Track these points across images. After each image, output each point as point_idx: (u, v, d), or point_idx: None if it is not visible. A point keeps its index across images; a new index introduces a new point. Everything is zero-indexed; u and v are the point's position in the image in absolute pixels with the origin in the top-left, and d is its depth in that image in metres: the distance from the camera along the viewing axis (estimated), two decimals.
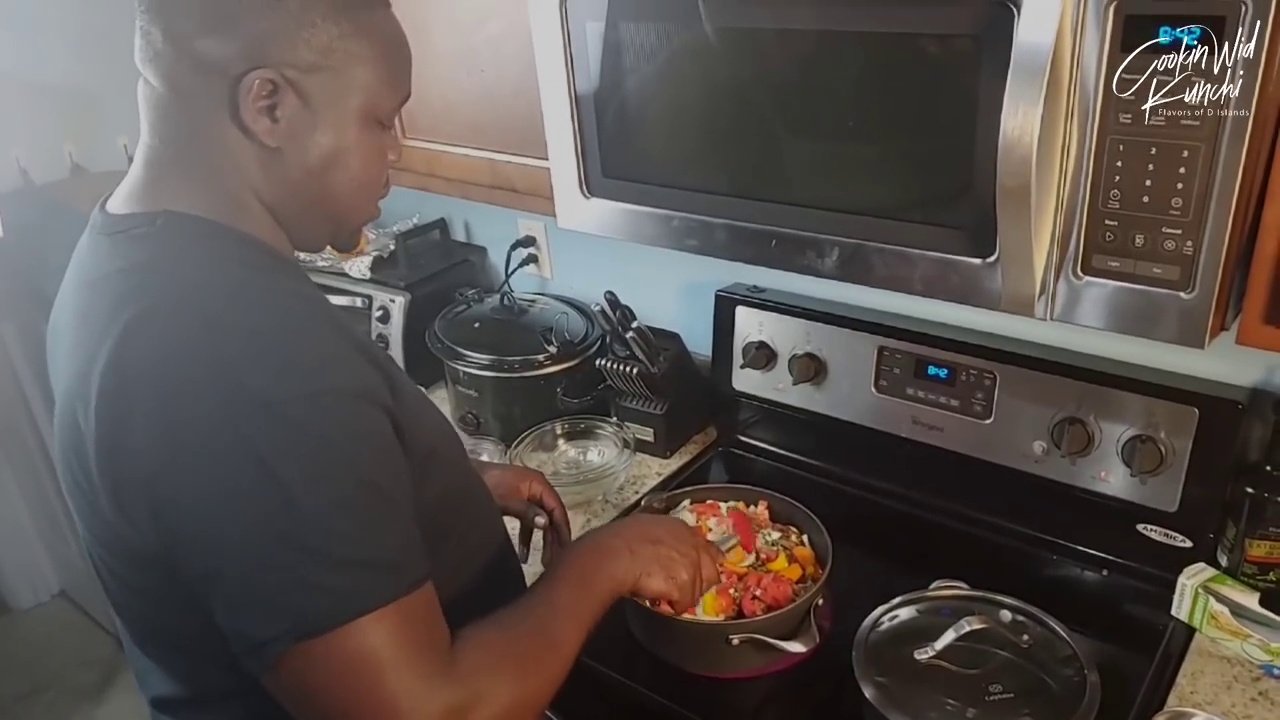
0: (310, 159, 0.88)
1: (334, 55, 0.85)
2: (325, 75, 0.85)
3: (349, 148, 0.89)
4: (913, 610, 1.27)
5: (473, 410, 1.83)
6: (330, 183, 0.90)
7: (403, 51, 0.93)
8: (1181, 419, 1.27)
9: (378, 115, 0.91)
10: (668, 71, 1.19)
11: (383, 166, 0.95)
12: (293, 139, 0.86)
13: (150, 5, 0.84)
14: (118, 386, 0.77)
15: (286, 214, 0.91)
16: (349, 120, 0.88)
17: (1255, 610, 1.22)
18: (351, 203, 0.94)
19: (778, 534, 1.39)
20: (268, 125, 0.85)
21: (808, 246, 1.14)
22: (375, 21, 0.89)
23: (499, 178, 1.53)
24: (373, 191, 0.96)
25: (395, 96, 0.92)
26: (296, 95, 0.85)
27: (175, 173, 0.88)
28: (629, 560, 1.07)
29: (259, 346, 0.76)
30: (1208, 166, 0.85)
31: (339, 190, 0.91)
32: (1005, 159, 0.90)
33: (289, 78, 0.83)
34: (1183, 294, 0.91)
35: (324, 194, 0.91)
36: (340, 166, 0.90)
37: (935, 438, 1.50)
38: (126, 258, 0.84)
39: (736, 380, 1.70)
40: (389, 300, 2.01)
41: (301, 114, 0.85)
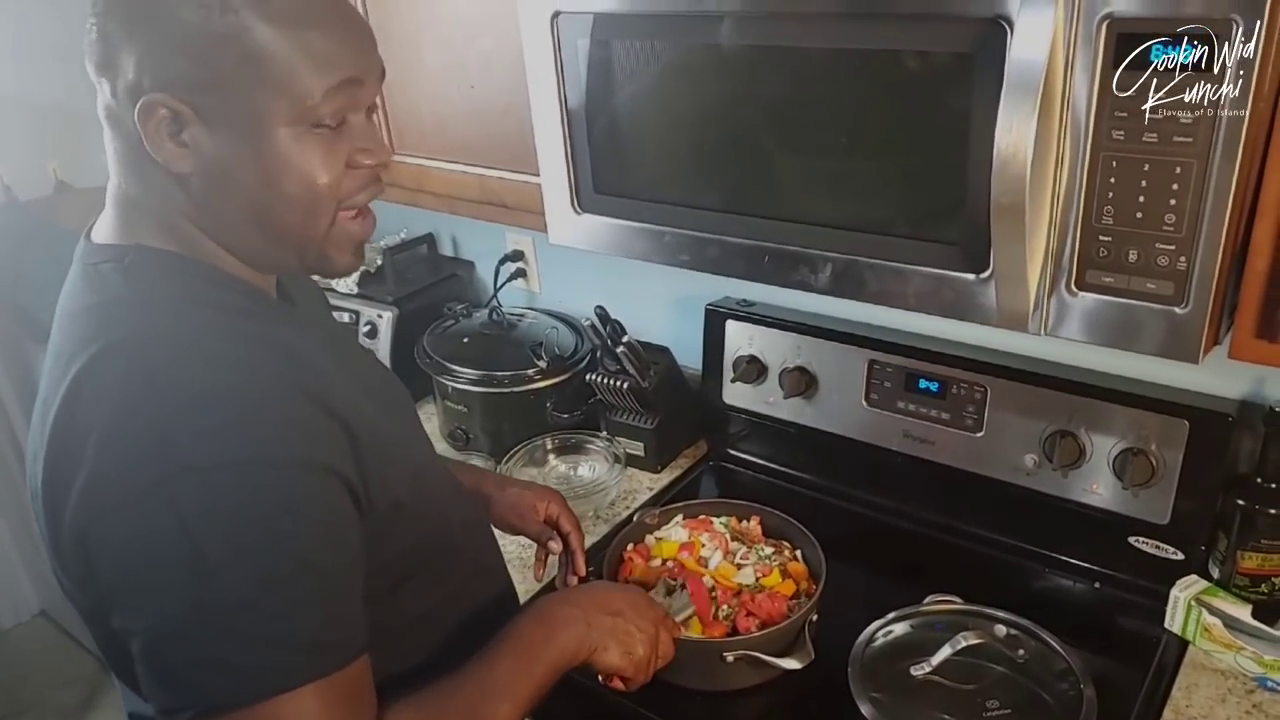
0: (234, 181, 0.80)
1: (224, 62, 0.75)
2: (222, 87, 0.76)
3: (275, 161, 0.79)
4: (907, 625, 1.27)
5: (462, 426, 1.82)
6: (265, 203, 0.81)
7: (321, 27, 0.78)
8: (1172, 431, 1.28)
9: (307, 117, 0.78)
10: (660, 87, 1.19)
11: (331, 172, 0.81)
12: (208, 163, 0.79)
13: (85, 46, 0.81)
14: (64, 433, 0.75)
15: (229, 241, 0.84)
16: (266, 130, 0.78)
17: (1248, 622, 1.22)
18: (300, 220, 0.82)
19: (771, 549, 1.39)
20: (174, 151, 0.78)
21: (801, 262, 1.14)
22: (260, 11, 0.76)
23: (488, 193, 1.52)
24: (324, 204, 0.82)
25: (322, 86, 0.78)
26: (195, 114, 0.77)
27: (129, 206, 0.85)
28: (584, 631, 1.00)
29: (200, 406, 0.72)
30: (1201, 182, 0.86)
31: (278, 210, 0.81)
32: (999, 176, 0.90)
33: (180, 98, 0.76)
34: (1177, 309, 0.91)
35: (262, 216, 0.82)
36: (270, 184, 0.80)
37: (926, 451, 1.50)
38: (95, 294, 0.82)
39: (727, 394, 1.70)
40: (376, 315, 1.99)
41: (207, 135, 0.78)
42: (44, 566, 2.80)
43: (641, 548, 1.42)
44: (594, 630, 1.01)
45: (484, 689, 0.89)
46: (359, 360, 1.04)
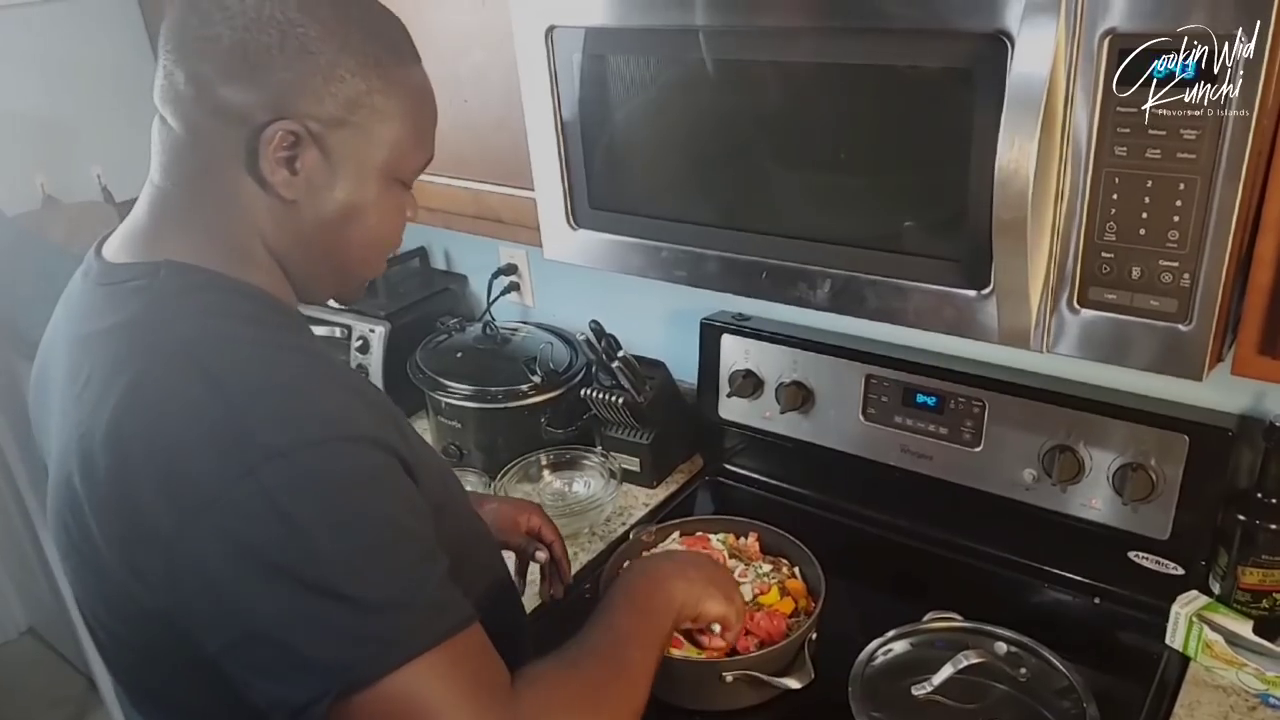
0: (325, 214, 0.85)
1: (360, 111, 0.83)
2: (349, 131, 0.83)
3: (367, 205, 0.86)
4: (907, 643, 1.26)
5: (455, 442, 1.81)
6: (343, 239, 0.87)
7: (430, 111, 0.91)
8: (1172, 446, 1.27)
9: (399, 175, 0.88)
10: (656, 102, 1.18)
11: (399, 225, 0.92)
12: (310, 193, 0.84)
13: (176, 46, 0.81)
14: (121, 451, 0.74)
15: (295, 267, 0.88)
16: (370, 177, 0.85)
17: (1250, 639, 1.22)
18: (362, 259, 0.91)
19: (769, 567, 1.37)
20: (286, 177, 0.82)
21: (799, 278, 1.13)
22: (406, 78, 0.87)
23: (483, 208, 1.51)
24: (385, 249, 0.93)
25: (420, 156, 0.90)
26: (318, 149, 0.82)
27: (182, 218, 0.85)
28: (686, 584, 1.05)
29: (266, 401, 0.74)
30: (1204, 198, 0.85)
31: (351, 247, 0.89)
32: (1001, 192, 0.90)
33: (312, 130, 0.81)
34: (1180, 326, 0.90)
35: (335, 249, 0.88)
36: (355, 224, 0.87)
37: (924, 466, 1.49)
38: (123, 311, 0.81)
39: (723, 409, 1.69)
40: (368, 330, 1.98)
41: (321, 168, 0.83)
42: (33, 583, 2.80)
43: None
44: (694, 583, 1.06)
45: (615, 638, 0.92)
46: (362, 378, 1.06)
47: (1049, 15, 0.85)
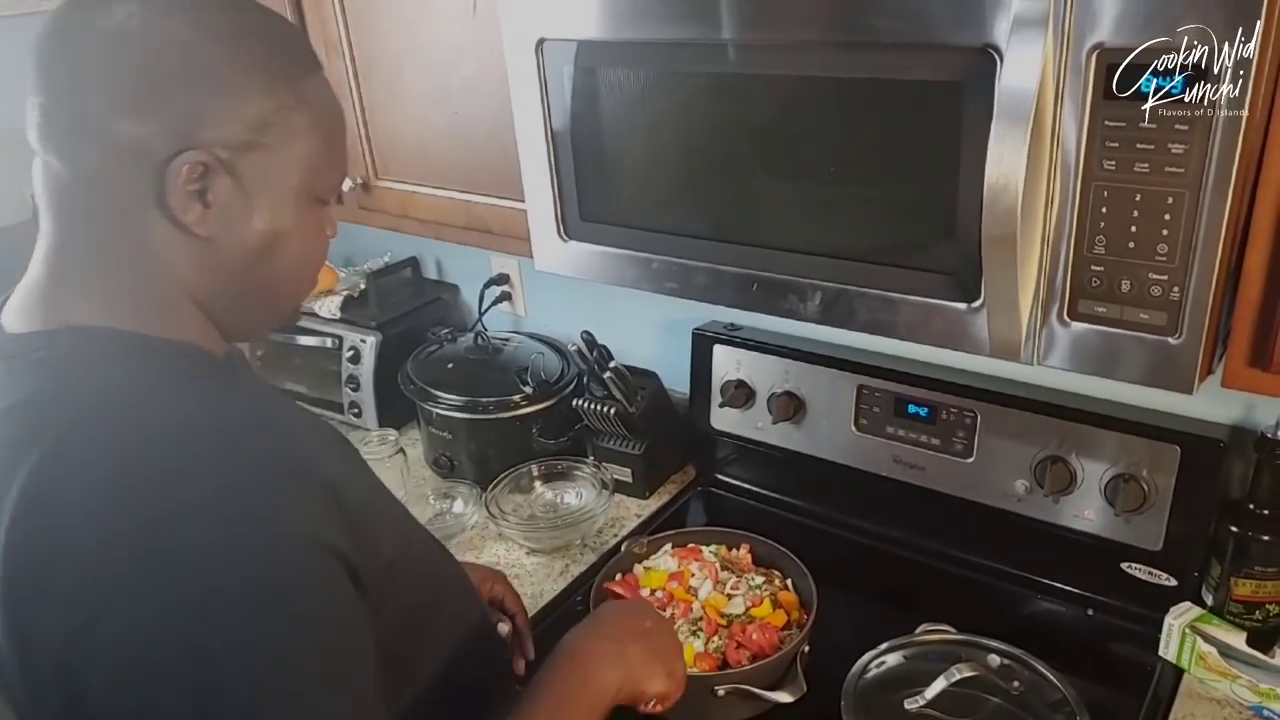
0: (247, 246, 0.80)
1: (271, 131, 0.77)
2: (261, 153, 0.77)
3: (288, 230, 0.81)
4: (900, 656, 1.26)
5: (446, 453, 1.80)
6: (268, 269, 0.82)
7: (341, 120, 0.86)
8: (1164, 457, 1.27)
9: (317, 193, 0.83)
10: (646, 115, 1.17)
11: (322, 245, 0.88)
12: (227, 225, 0.78)
13: (53, 79, 0.74)
14: (25, 547, 0.68)
15: (219, 306, 0.82)
16: (288, 201, 0.80)
17: (1243, 651, 1.21)
18: (290, 286, 0.87)
19: (761, 579, 1.37)
20: (199, 212, 0.76)
21: (789, 290, 1.13)
22: (314, 90, 0.82)
23: (474, 219, 1.51)
24: (312, 271, 0.88)
25: (335, 171, 0.85)
26: (230, 177, 0.76)
27: (84, 274, 0.78)
28: (623, 666, 0.96)
29: (184, 491, 0.67)
30: (1193, 212, 0.85)
31: (277, 275, 0.83)
32: (990, 206, 0.89)
33: (221, 158, 0.75)
34: (1170, 339, 0.90)
35: (262, 281, 0.83)
36: (279, 251, 0.82)
37: (916, 477, 1.49)
38: (23, 389, 0.74)
39: (715, 419, 1.69)
40: (359, 340, 1.97)
41: (236, 197, 0.77)
42: None
43: (630, 577, 1.41)
44: (632, 662, 0.98)
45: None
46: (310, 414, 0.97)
47: (1037, 30, 0.85)
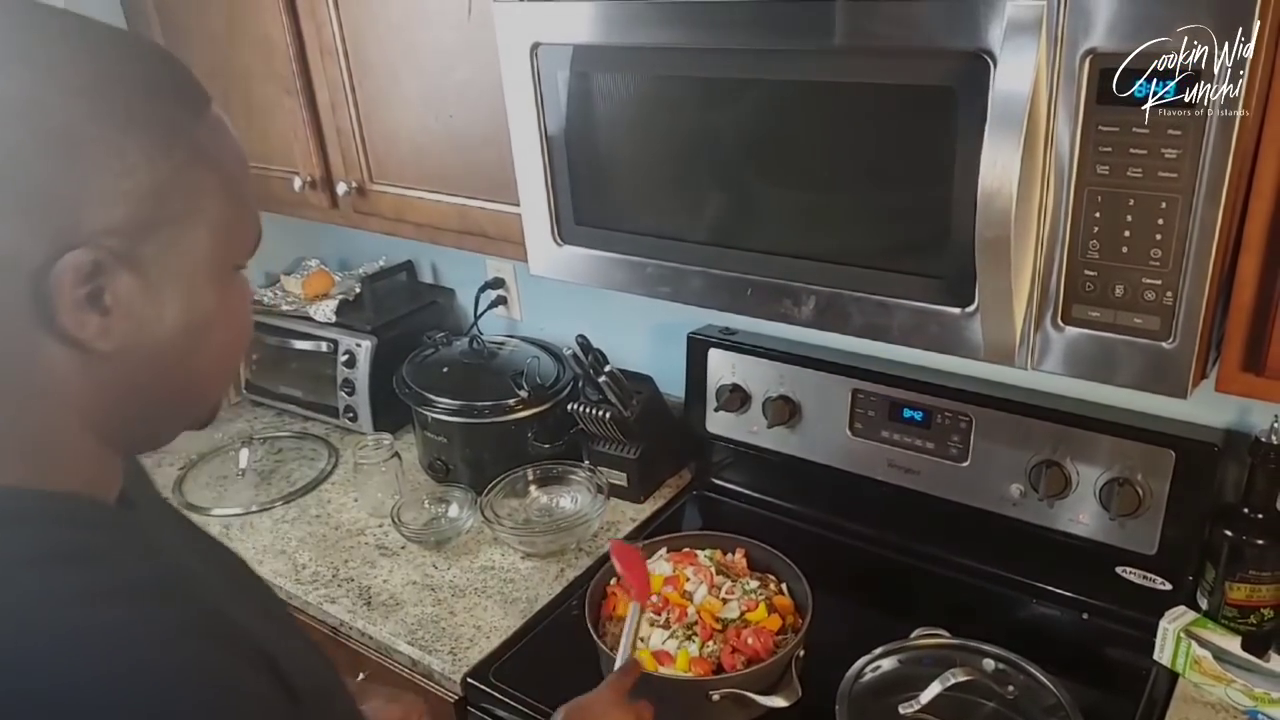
0: (161, 347, 0.63)
1: (169, 199, 0.61)
2: (162, 231, 0.61)
3: (209, 316, 0.65)
4: (895, 661, 1.26)
5: (441, 457, 1.80)
6: (189, 367, 0.66)
7: (244, 161, 0.69)
8: (1158, 461, 1.27)
9: (236, 259, 0.67)
10: (640, 119, 1.18)
11: (248, 319, 0.71)
12: (135, 330, 0.61)
13: None
14: None
15: (123, 425, 0.65)
16: (205, 279, 0.64)
17: (1238, 655, 1.21)
18: (215, 382, 0.71)
19: (756, 583, 1.37)
20: (98, 323, 0.59)
21: (783, 295, 1.13)
22: (210, 132, 0.65)
23: (469, 223, 1.51)
24: (239, 355, 0.72)
25: (250, 228, 0.68)
26: (129, 270, 0.59)
27: None
28: None
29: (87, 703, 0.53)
30: (1186, 216, 0.85)
31: (200, 372, 0.67)
32: (984, 210, 0.90)
33: (114, 250, 0.58)
34: (1164, 344, 0.90)
35: (180, 383, 0.67)
36: (201, 343, 0.65)
37: (911, 481, 1.49)
38: None
39: (710, 423, 1.69)
40: (355, 344, 1.97)
41: (140, 293, 0.60)
42: None
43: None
44: None
45: None
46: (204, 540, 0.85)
47: (1031, 35, 0.85)
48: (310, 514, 1.79)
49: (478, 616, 1.48)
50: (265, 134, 1.71)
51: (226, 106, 1.74)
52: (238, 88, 1.71)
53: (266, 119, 1.70)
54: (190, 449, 2.02)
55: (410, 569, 1.61)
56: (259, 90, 1.68)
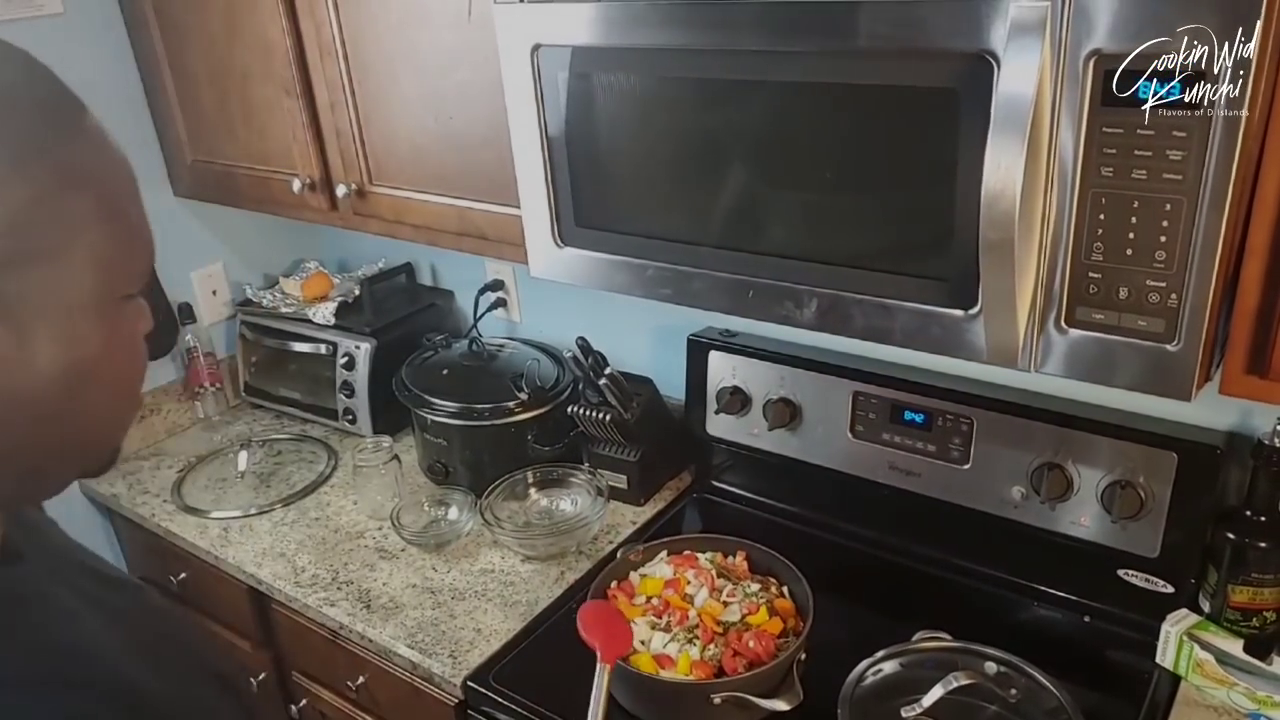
0: (36, 395, 0.56)
1: (35, 232, 0.53)
2: (29, 267, 0.54)
3: (93, 355, 0.58)
4: (896, 664, 1.25)
5: (441, 459, 1.79)
6: (75, 413, 0.59)
7: (131, 178, 0.61)
8: (1161, 464, 1.27)
9: (123, 289, 0.60)
10: (642, 121, 1.17)
11: (140, 352, 0.64)
12: (3, 375, 0.55)
13: None
14: None
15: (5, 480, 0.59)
16: (84, 315, 0.57)
17: (1240, 658, 1.21)
18: (111, 424, 0.64)
19: (757, 586, 1.36)
20: None
21: (785, 297, 1.13)
22: (84, 151, 0.57)
23: (468, 225, 1.50)
24: (135, 388, 0.65)
25: (141, 250, 0.61)
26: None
27: None
28: None
29: None
30: (1190, 219, 0.85)
31: (88, 417, 0.60)
32: (988, 212, 0.89)
33: None
34: (1168, 346, 0.90)
35: (68, 433, 0.60)
36: (86, 387, 0.58)
37: (912, 483, 1.49)
38: None
39: (711, 425, 1.68)
40: (354, 347, 1.96)
41: (4, 337, 0.54)
42: None
43: (626, 584, 1.40)
44: None
45: None
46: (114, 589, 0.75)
47: (1034, 36, 0.85)
48: (309, 516, 1.79)
49: (478, 619, 1.48)
50: (264, 135, 1.71)
51: (225, 107, 1.75)
52: (236, 88, 1.70)
53: (265, 120, 1.69)
54: (189, 451, 2.02)
55: (410, 572, 1.60)
56: (258, 91, 1.68)
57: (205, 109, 1.76)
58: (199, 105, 1.78)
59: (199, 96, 1.76)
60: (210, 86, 1.74)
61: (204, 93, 1.74)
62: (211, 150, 1.80)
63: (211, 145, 1.80)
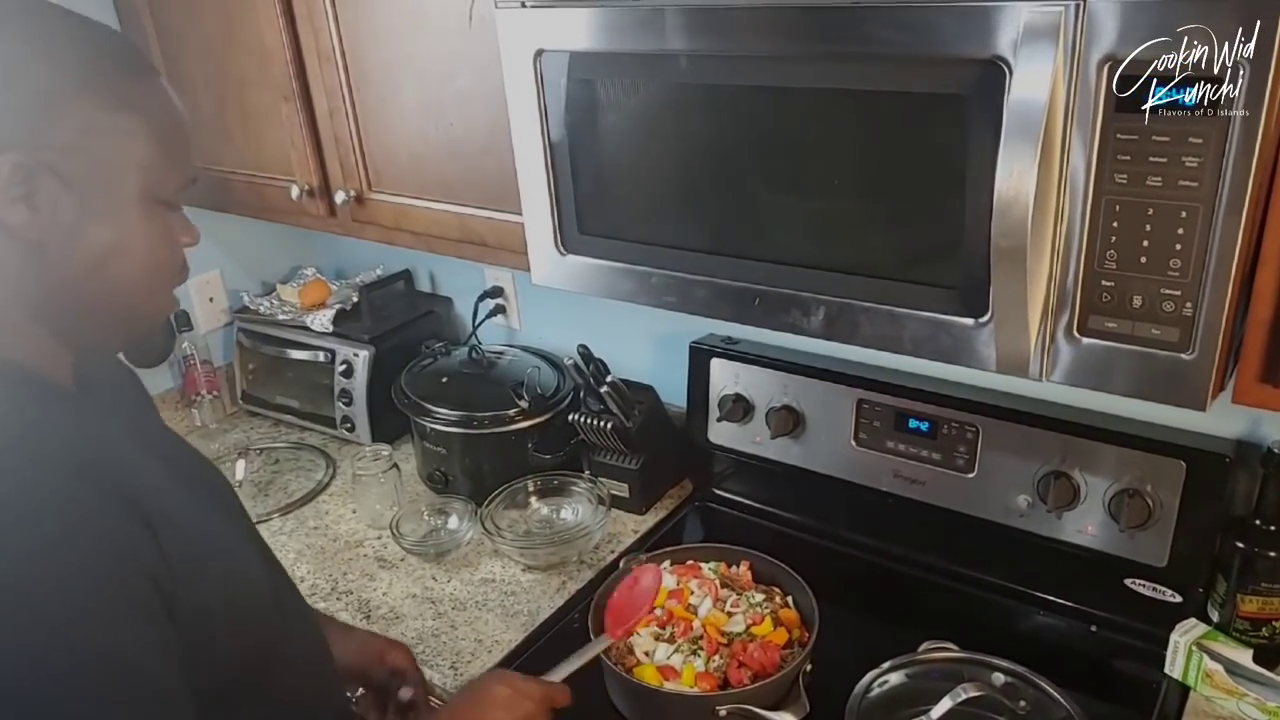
0: (84, 253, 0.77)
1: (96, 133, 0.76)
2: (89, 155, 0.75)
3: (130, 234, 0.79)
4: (903, 675, 1.25)
5: (441, 468, 1.78)
6: (112, 276, 0.79)
7: (179, 122, 0.83)
8: (1169, 472, 1.26)
9: (159, 195, 0.80)
10: (646, 127, 1.16)
11: (173, 251, 0.84)
12: (58, 231, 0.75)
13: None
14: None
15: (65, 320, 0.79)
16: (125, 203, 0.78)
17: (1250, 668, 1.20)
18: (141, 296, 0.82)
19: (761, 596, 1.35)
20: (26, 216, 0.73)
21: (792, 305, 1.11)
22: (142, 92, 0.80)
23: (468, 232, 1.49)
24: (165, 280, 0.84)
25: (176, 173, 0.82)
26: (57, 180, 0.74)
27: None
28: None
29: None
30: (1206, 227, 0.84)
31: (123, 283, 0.80)
32: (1000, 220, 0.88)
33: (46, 161, 0.73)
34: (1183, 355, 0.89)
35: (106, 289, 0.79)
36: (122, 258, 0.79)
37: (917, 492, 1.48)
38: None
39: (713, 433, 1.67)
40: (352, 354, 1.95)
41: (65, 201, 0.74)
42: None
43: None
44: None
45: None
46: (168, 446, 0.96)
47: (1047, 42, 0.84)
48: (308, 525, 1.77)
49: (478, 630, 1.46)
50: (262, 141, 1.70)
51: (222, 114, 1.73)
52: (233, 95, 1.69)
53: (263, 126, 1.68)
54: None
55: (410, 581, 1.58)
56: (255, 97, 1.66)
57: (202, 115, 1.74)
58: (196, 111, 1.77)
59: (196, 103, 1.74)
60: (207, 93, 1.72)
61: (201, 99, 1.73)
62: (208, 157, 1.78)
63: (208, 152, 1.78)
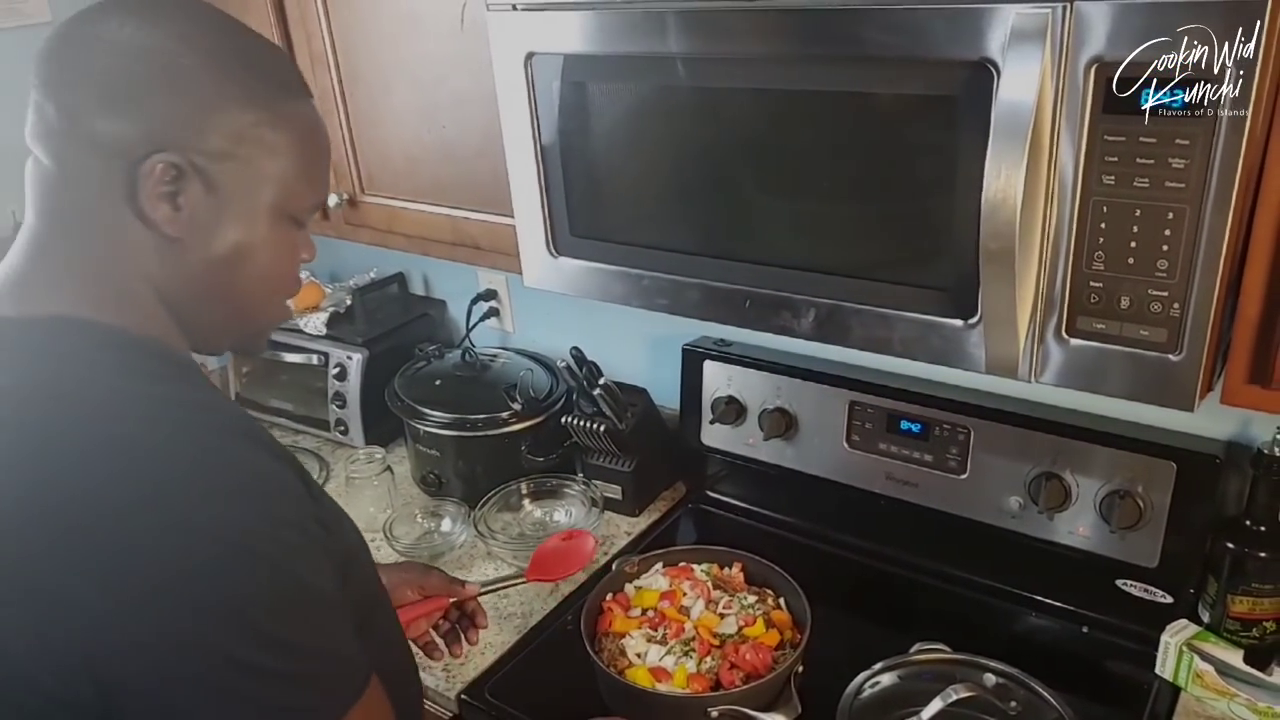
0: (214, 253, 0.81)
1: (245, 144, 0.79)
2: (235, 165, 0.79)
3: (258, 243, 0.83)
4: (894, 676, 1.24)
5: (434, 470, 1.78)
6: (235, 279, 0.83)
7: (322, 146, 0.88)
8: (1159, 474, 1.26)
9: (291, 212, 0.85)
10: (637, 130, 1.16)
11: (294, 265, 0.88)
12: (196, 230, 0.80)
13: (47, 79, 0.78)
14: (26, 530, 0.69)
15: (187, 312, 0.84)
16: (259, 214, 0.82)
17: (1241, 669, 1.20)
18: (258, 302, 0.87)
19: (754, 598, 1.35)
20: (168, 213, 0.78)
21: (783, 307, 1.12)
22: (294, 112, 0.84)
23: (461, 235, 1.49)
24: (282, 290, 0.89)
25: (311, 194, 0.86)
26: (202, 183, 0.78)
27: (60, 263, 0.80)
28: None
29: (196, 479, 0.71)
30: (1193, 228, 0.84)
31: (244, 287, 0.85)
32: (988, 222, 0.88)
33: (195, 164, 0.77)
34: (1171, 356, 0.89)
35: (228, 290, 0.84)
36: (246, 263, 0.83)
37: (909, 494, 1.48)
38: (12, 374, 0.76)
39: (706, 435, 1.67)
40: (346, 357, 1.95)
41: (207, 204, 0.79)
42: None
43: (621, 597, 1.39)
44: None
45: None
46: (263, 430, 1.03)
47: (1035, 44, 0.84)
48: None
49: None
50: None
51: None
52: None
53: None
54: None
55: None
56: None
57: None
58: None
59: None
60: None
61: None
62: None
63: None
